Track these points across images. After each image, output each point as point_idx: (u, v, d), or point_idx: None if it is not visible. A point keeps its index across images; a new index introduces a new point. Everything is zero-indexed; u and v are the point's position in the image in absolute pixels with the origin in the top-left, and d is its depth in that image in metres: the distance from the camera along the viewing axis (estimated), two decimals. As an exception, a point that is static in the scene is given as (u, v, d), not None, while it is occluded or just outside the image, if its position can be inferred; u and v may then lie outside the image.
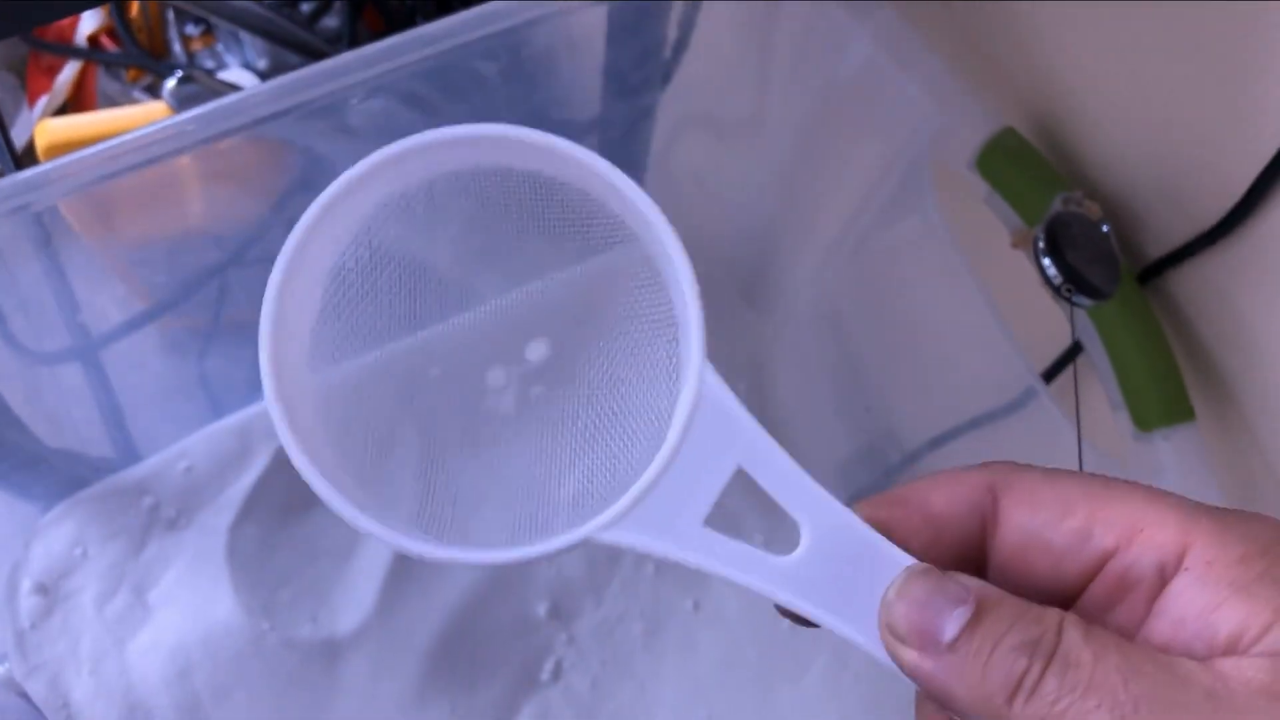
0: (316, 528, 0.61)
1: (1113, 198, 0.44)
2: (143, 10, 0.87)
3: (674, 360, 0.26)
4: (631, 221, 0.26)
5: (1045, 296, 0.44)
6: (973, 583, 0.23)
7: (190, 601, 0.58)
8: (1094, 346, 0.43)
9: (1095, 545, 0.23)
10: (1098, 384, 0.44)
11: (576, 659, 0.60)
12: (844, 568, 0.24)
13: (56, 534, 0.59)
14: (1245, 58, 0.36)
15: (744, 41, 0.57)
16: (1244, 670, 0.20)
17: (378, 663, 0.58)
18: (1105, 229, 0.42)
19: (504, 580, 0.61)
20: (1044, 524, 0.23)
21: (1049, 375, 0.48)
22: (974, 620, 0.22)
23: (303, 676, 0.58)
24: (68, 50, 0.88)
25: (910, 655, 0.23)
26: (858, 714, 0.60)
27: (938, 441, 0.55)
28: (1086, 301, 0.43)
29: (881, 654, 0.24)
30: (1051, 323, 0.45)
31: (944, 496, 0.24)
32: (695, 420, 0.24)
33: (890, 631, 0.23)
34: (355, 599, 0.59)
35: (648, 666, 0.60)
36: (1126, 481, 0.23)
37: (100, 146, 0.45)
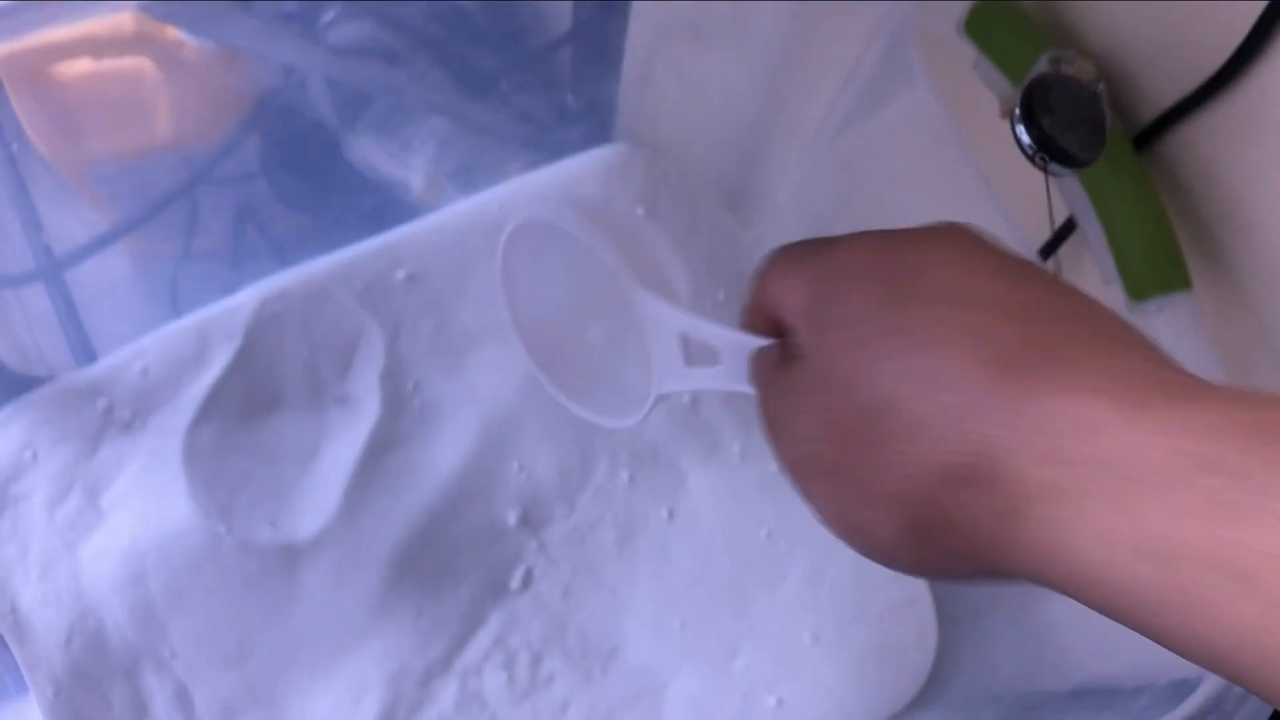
0: (277, 430, 0.58)
1: (1107, 55, 0.42)
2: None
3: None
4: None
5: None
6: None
7: (145, 505, 0.56)
8: (1086, 215, 0.41)
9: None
10: (1092, 259, 0.42)
11: (547, 567, 0.58)
12: (736, 359, 0.36)
13: (5, 436, 0.56)
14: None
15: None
16: None
17: (340, 568, 0.56)
18: (1100, 88, 0.40)
19: (472, 486, 0.59)
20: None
21: (1046, 251, 0.46)
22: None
23: (261, 581, 0.55)
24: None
25: (757, 380, 0.34)
26: (832, 625, 0.58)
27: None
28: (1063, 170, 0.41)
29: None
30: (1046, 197, 0.43)
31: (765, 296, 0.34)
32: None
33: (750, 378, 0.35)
34: (317, 503, 0.57)
35: (620, 575, 0.58)
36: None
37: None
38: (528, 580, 0.58)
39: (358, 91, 0.68)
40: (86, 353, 0.63)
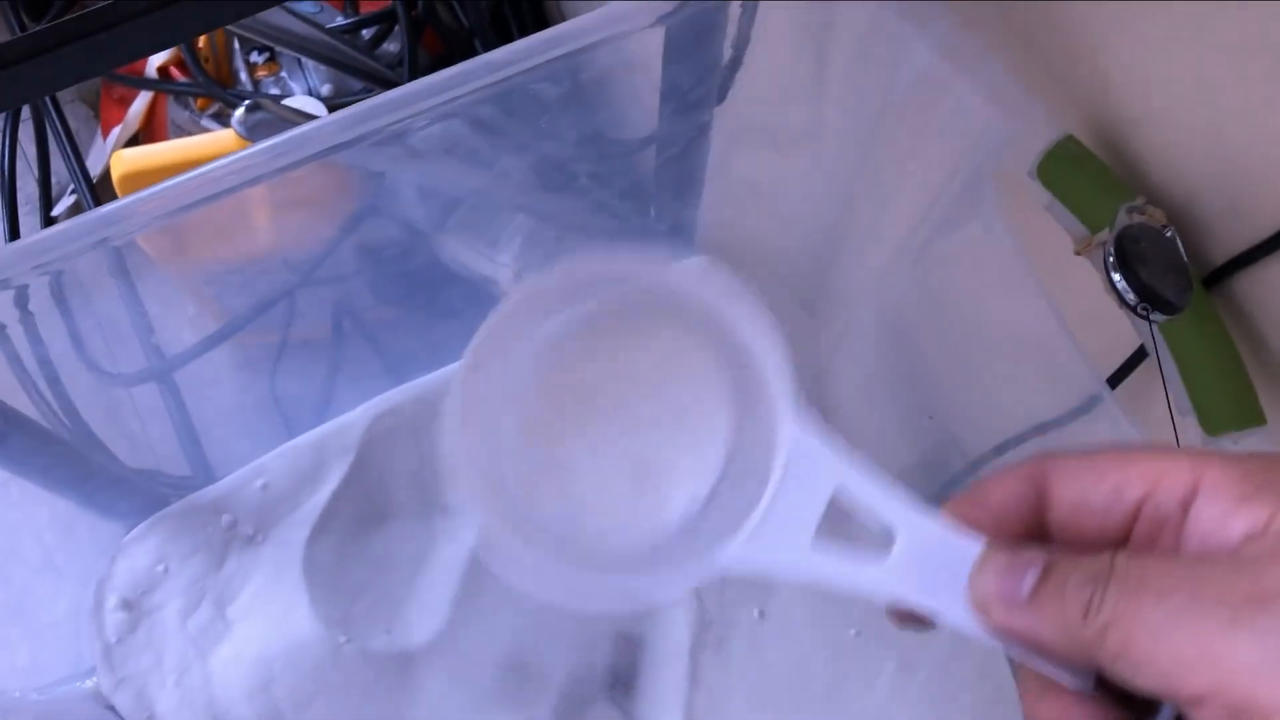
0: (389, 540, 0.62)
1: (1175, 203, 0.44)
2: (210, 41, 0.90)
3: (761, 402, 0.30)
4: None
5: (1109, 303, 0.44)
6: (1038, 549, 0.27)
7: (269, 614, 0.60)
8: (1161, 353, 0.43)
9: (1128, 497, 0.27)
10: (1162, 389, 0.44)
11: (645, 669, 0.61)
12: (934, 560, 0.28)
13: (140, 551, 0.61)
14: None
15: (799, 54, 0.57)
16: (1256, 547, 0.25)
17: (452, 672, 0.59)
18: (1170, 234, 0.42)
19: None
20: (1085, 490, 0.28)
21: (1114, 380, 0.48)
22: (1044, 575, 0.27)
23: (379, 687, 0.59)
24: (139, 82, 0.91)
25: (998, 615, 0.27)
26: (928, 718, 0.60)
27: (1001, 448, 0.55)
28: (1162, 317, 0.43)
29: (977, 628, 0.28)
30: (1115, 328, 0.45)
31: (1001, 488, 0.29)
32: (793, 452, 0.29)
33: (979, 601, 0.28)
34: (428, 610, 0.61)
35: (716, 674, 0.61)
36: (1153, 445, 0.29)
37: (176, 181, 0.47)
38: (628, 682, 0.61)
39: (446, 193, 0.72)
40: (194, 445, 0.67)
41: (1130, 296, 0.41)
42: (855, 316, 0.65)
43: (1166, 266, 0.41)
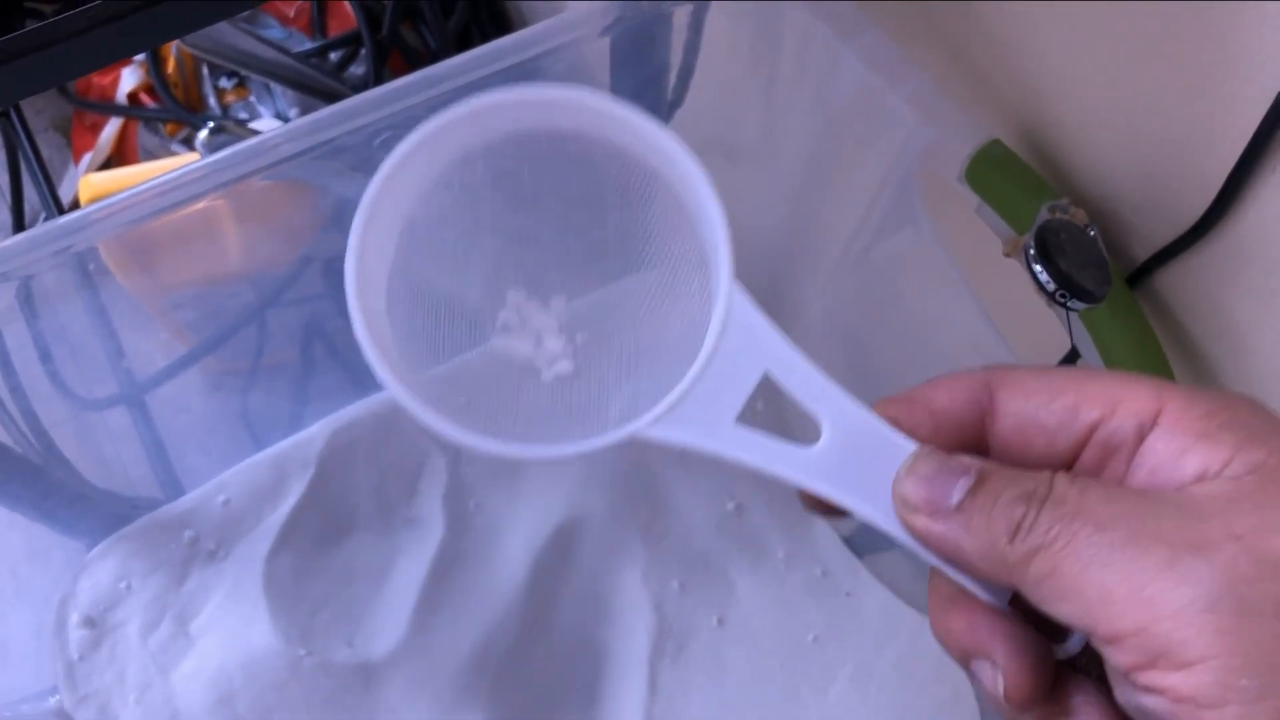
0: (350, 553, 0.63)
1: (1097, 203, 0.45)
2: (178, 67, 0.91)
3: (705, 290, 0.29)
4: (657, 162, 0.29)
5: (1040, 304, 0.45)
6: (973, 459, 0.26)
7: (230, 629, 0.60)
8: (1088, 351, 0.44)
9: (1083, 419, 0.26)
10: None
11: (605, 677, 0.62)
12: (860, 456, 0.27)
13: (102, 568, 0.61)
14: (1213, 57, 0.37)
15: (746, 69, 0.58)
16: (1207, 489, 0.24)
17: (413, 683, 0.60)
18: (1093, 233, 0.43)
19: (533, 598, 0.62)
20: (1037, 406, 0.27)
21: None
22: (976, 486, 0.26)
23: (340, 699, 0.59)
24: (110, 108, 0.92)
25: (921, 521, 0.26)
26: (883, 723, 0.60)
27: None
28: (1080, 305, 0.44)
29: (896, 529, 0.27)
30: (1048, 329, 0.46)
31: (945, 393, 0.28)
32: (726, 332, 0.28)
33: (903, 504, 0.27)
34: (389, 622, 0.61)
35: (675, 681, 0.61)
36: (1100, 369, 0.26)
37: (131, 190, 0.48)
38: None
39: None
40: (165, 467, 0.68)
41: (1049, 284, 0.42)
42: (806, 324, 0.66)
43: (1086, 260, 0.42)
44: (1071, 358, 0.48)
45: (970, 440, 0.28)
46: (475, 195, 0.31)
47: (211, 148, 0.77)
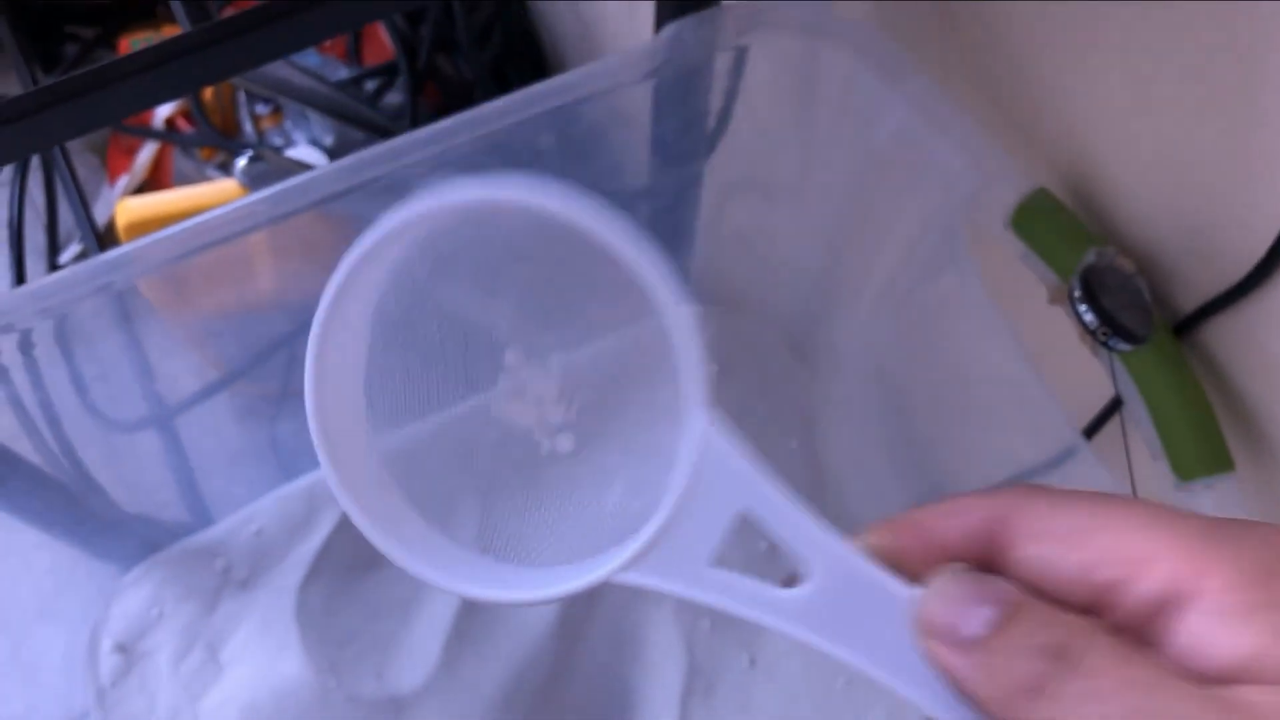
0: (380, 586, 0.63)
1: (1144, 253, 0.45)
2: (216, 93, 0.92)
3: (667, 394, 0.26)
4: (632, 275, 0.25)
5: (1084, 354, 0.45)
6: (1009, 585, 0.23)
7: (260, 659, 0.60)
8: (1132, 397, 0.44)
9: (1100, 578, 0.23)
10: (1138, 436, 0.45)
11: (636, 715, 0.61)
12: (852, 603, 0.25)
13: (135, 595, 0.62)
14: (1264, 110, 0.37)
15: (785, 111, 0.58)
16: (1252, 696, 0.20)
17: (442, 717, 0.60)
18: (1138, 279, 0.43)
19: (565, 636, 0.62)
20: (1052, 557, 0.24)
21: (1093, 428, 0.48)
22: (1005, 620, 0.23)
23: (368, 732, 0.59)
24: (146, 132, 0.92)
25: (941, 650, 0.24)
26: (914, 768, 0.60)
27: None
28: (1123, 346, 0.43)
29: (891, 681, 0.24)
30: (1092, 378, 0.46)
31: (956, 528, 0.25)
32: (699, 469, 0.25)
33: (924, 627, 0.24)
34: (419, 655, 0.61)
35: (704, 721, 0.61)
36: (1132, 504, 0.23)
37: (177, 229, 0.48)
38: (617, 727, 0.61)
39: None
40: (193, 491, 0.68)
41: (1092, 323, 0.42)
42: (843, 364, 0.66)
43: (1130, 301, 0.42)
44: (1114, 405, 0.47)
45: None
46: (441, 275, 0.29)
47: (250, 175, 0.77)
